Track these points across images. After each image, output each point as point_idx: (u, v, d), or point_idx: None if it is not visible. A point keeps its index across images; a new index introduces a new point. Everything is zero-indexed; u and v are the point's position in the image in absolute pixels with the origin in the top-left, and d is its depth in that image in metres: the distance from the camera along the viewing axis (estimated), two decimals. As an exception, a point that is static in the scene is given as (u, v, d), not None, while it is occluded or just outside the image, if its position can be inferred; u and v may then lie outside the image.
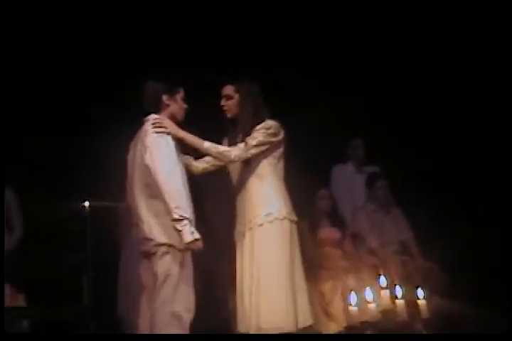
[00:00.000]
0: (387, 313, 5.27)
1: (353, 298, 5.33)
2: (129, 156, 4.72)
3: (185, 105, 4.78)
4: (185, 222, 4.41)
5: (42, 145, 6.55)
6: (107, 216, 5.67)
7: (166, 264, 4.49)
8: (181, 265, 4.51)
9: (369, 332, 5.15)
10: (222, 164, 4.99)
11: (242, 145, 4.92)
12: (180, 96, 4.75)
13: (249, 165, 5.00)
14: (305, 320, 4.93)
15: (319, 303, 5.77)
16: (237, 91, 5.02)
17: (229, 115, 5.07)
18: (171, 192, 4.43)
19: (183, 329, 4.48)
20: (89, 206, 5.48)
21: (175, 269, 4.49)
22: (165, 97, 4.71)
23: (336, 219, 6.28)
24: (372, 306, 5.25)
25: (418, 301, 5.20)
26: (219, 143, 5.00)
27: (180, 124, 4.76)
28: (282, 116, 5.06)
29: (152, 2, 6.76)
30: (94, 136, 6.37)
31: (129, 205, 4.72)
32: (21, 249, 5.82)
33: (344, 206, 6.66)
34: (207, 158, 4.98)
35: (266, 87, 5.09)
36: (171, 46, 6.77)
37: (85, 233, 5.42)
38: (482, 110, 7.15)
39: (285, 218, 4.94)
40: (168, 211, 4.43)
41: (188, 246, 4.44)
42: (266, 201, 4.95)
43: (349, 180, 7.02)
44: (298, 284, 4.93)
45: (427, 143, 7.32)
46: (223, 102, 5.06)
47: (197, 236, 4.43)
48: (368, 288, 5.31)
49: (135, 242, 4.72)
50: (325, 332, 5.61)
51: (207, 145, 4.86)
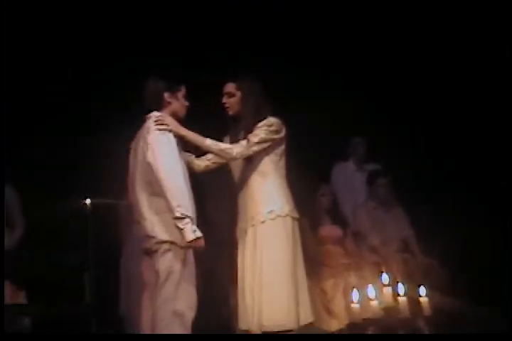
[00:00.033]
0: (390, 310, 5.27)
1: (355, 295, 5.33)
2: (131, 154, 4.71)
3: (186, 103, 4.77)
4: (187, 221, 4.39)
5: (42, 145, 6.53)
6: (109, 213, 5.65)
7: (167, 262, 4.47)
8: (183, 262, 4.49)
9: (371, 329, 5.14)
10: (224, 161, 4.98)
11: (244, 143, 4.91)
12: (181, 93, 4.74)
13: (251, 162, 4.99)
14: (306, 318, 4.92)
15: (321, 301, 5.78)
16: (238, 88, 5.00)
17: (231, 112, 5.06)
18: (172, 189, 4.41)
19: (185, 327, 4.46)
20: (91, 204, 5.46)
21: (177, 267, 4.47)
22: (166, 95, 4.69)
23: (337, 216, 6.30)
24: (374, 303, 5.24)
25: (420, 299, 5.20)
26: (221, 140, 4.98)
27: (182, 122, 4.75)
28: (283, 116, 5.05)
29: (152, 2, 6.76)
30: (94, 136, 6.35)
31: (130, 203, 4.70)
32: (23, 248, 5.80)
33: (345, 204, 6.66)
34: (209, 156, 4.97)
35: (266, 87, 5.08)
36: (171, 46, 6.76)
37: (87, 231, 5.40)
38: (482, 110, 7.16)
39: (287, 215, 4.94)
40: (169, 208, 4.41)
41: (189, 245, 4.42)
42: (268, 198, 4.94)
43: (350, 178, 7.02)
44: (300, 281, 4.92)
45: (427, 142, 7.32)
46: (225, 100, 5.04)
47: (199, 234, 4.41)
48: (370, 285, 5.31)
49: (137, 240, 4.69)
50: (326, 329, 5.63)
51: (208, 142, 4.84)
